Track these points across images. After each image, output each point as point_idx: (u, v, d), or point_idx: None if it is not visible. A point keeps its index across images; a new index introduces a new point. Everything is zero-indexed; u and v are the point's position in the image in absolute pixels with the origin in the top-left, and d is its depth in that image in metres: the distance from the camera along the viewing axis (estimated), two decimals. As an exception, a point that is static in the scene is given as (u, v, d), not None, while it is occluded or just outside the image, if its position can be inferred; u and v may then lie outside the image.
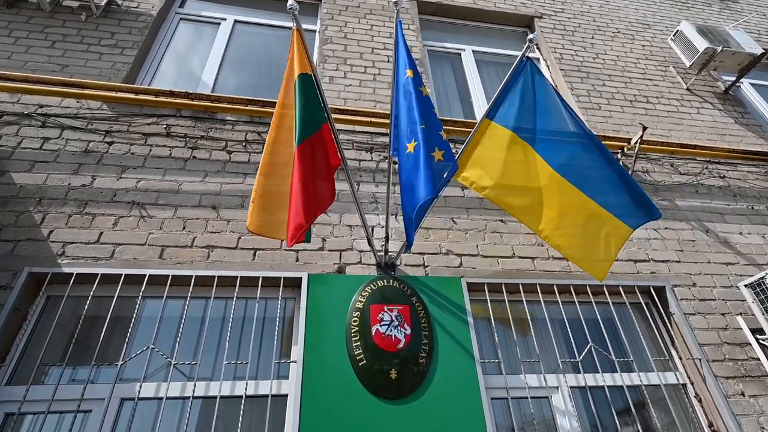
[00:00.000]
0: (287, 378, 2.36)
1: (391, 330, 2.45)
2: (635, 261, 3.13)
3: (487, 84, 4.45)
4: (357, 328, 2.42)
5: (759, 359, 2.77)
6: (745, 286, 3.06)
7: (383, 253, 2.71)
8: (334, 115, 3.16)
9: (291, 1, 1.89)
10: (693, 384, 2.71)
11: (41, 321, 2.37)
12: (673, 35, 5.09)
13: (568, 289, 2.87)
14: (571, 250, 2.11)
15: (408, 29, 4.48)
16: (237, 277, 2.52)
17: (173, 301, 2.51)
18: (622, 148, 3.74)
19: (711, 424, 2.57)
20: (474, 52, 4.76)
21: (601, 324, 2.77)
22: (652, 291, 3.02)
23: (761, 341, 2.82)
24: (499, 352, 2.58)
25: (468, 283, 2.75)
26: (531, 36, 2.15)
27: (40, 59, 3.37)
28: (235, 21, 4.35)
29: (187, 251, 2.60)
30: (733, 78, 4.83)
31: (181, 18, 4.27)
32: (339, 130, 3.28)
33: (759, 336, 2.84)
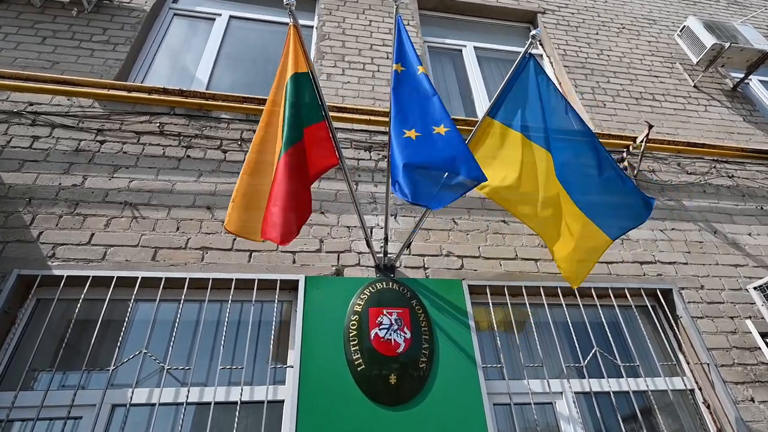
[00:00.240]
0: (284, 383, 2.35)
1: (391, 334, 2.44)
2: (641, 263, 3.13)
3: (489, 81, 4.45)
4: (355, 332, 2.41)
5: (769, 364, 2.77)
6: (755, 288, 3.05)
7: (382, 255, 2.71)
8: (331, 113, 3.15)
9: (287, -4, 1.89)
10: (701, 389, 2.70)
11: (30, 325, 2.36)
12: (680, 31, 5.09)
13: (572, 292, 2.86)
14: (558, 251, 2.16)
15: (408, 25, 4.48)
16: (232, 280, 2.52)
17: (166, 305, 2.50)
18: (627, 146, 3.74)
19: (720, 430, 2.56)
20: (475, 48, 4.76)
21: (607, 328, 2.77)
22: (658, 293, 3.02)
23: (771, 345, 2.81)
24: (502, 356, 2.57)
25: (469, 286, 2.75)
26: (534, 32, 2.15)
27: (30, 56, 3.37)
28: (231, 16, 4.35)
29: (181, 253, 2.59)
30: (742, 75, 4.82)
31: (175, 13, 4.26)
32: (337, 128, 3.27)
33: (768, 340, 2.84)
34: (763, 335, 2.87)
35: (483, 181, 1.72)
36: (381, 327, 2.45)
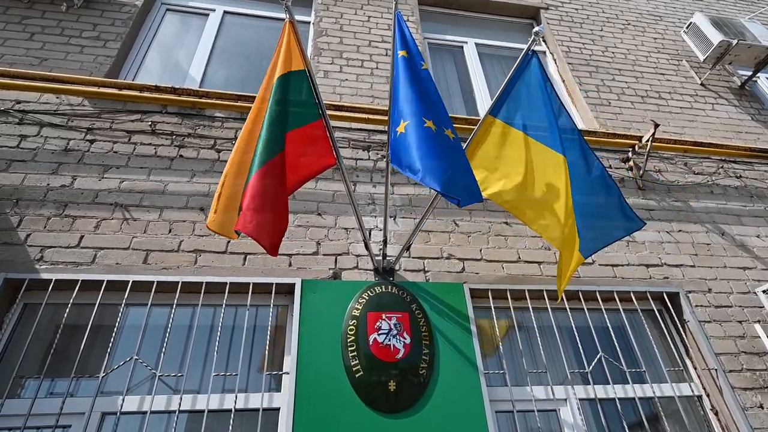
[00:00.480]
0: (279, 390, 2.34)
1: (390, 339, 2.43)
2: (647, 266, 3.13)
3: (491, 78, 4.45)
4: (353, 337, 2.41)
5: (778, 369, 2.77)
6: (764, 291, 3.06)
7: (381, 258, 2.70)
8: (329, 112, 3.15)
9: (283, -8, 1.89)
10: (709, 396, 2.70)
11: (17, 330, 2.34)
12: (686, 27, 5.10)
13: (576, 296, 2.86)
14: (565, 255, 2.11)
15: (407, 21, 4.48)
16: (226, 284, 2.51)
17: (158, 309, 2.49)
18: (633, 146, 3.74)
19: (728, 438, 2.56)
20: (477, 44, 4.76)
21: (612, 332, 2.77)
22: (665, 297, 3.01)
23: (780, 350, 2.81)
24: (504, 362, 2.57)
25: (471, 290, 2.74)
26: (536, 29, 2.15)
27: (17, 52, 3.36)
28: (225, 12, 4.35)
29: (174, 256, 2.58)
30: (750, 72, 4.84)
31: (168, 9, 4.26)
32: (334, 127, 3.26)
33: (778, 345, 2.84)
34: (773, 340, 2.87)
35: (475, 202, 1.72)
36: (380, 332, 2.44)
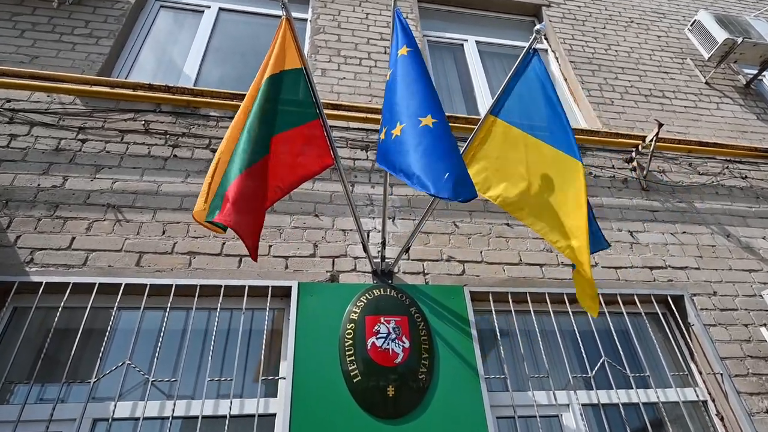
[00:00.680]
0: (275, 396, 2.34)
1: (389, 343, 2.43)
2: (651, 268, 3.13)
3: (492, 77, 4.46)
4: (351, 341, 2.41)
5: (784, 374, 2.78)
6: (770, 294, 3.07)
7: (380, 260, 2.70)
8: (326, 111, 3.15)
9: (280, -12, 1.89)
10: (714, 401, 2.70)
11: (7, 334, 2.33)
12: (691, 25, 5.12)
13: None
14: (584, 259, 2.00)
15: (407, 18, 4.49)
16: (221, 287, 2.50)
17: (151, 313, 2.48)
18: (636, 146, 3.75)
19: (733, 444, 2.56)
20: (477, 42, 4.77)
21: (615, 336, 2.77)
22: (669, 300, 3.02)
23: (787, 354, 2.82)
24: (505, 367, 2.57)
25: (471, 292, 2.74)
26: (538, 26, 2.15)
27: (7, 50, 3.35)
28: (220, 9, 4.35)
29: (167, 258, 2.58)
30: (755, 71, 4.85)
31: (162, 5, 4.26)
32: (332, 126, 3.26)
33: (784, 349, 2.84)
34: (779, 344, 2.88)
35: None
36: (378, 336, 2.44)
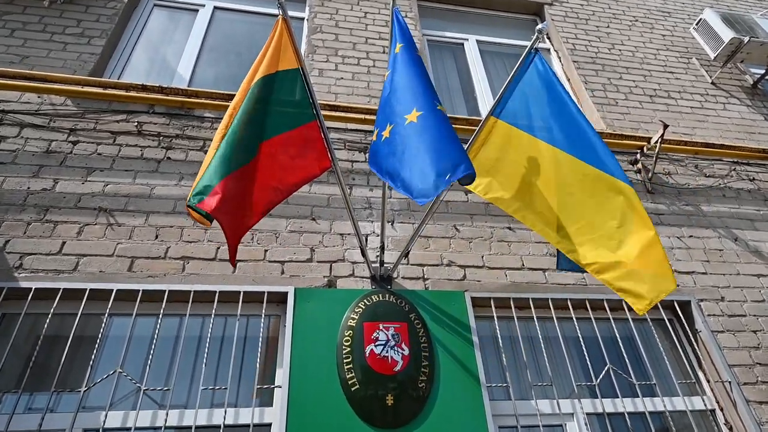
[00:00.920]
0: (271, 405, 2.33)
1: (387, 350, 2.42)
2: (657, 272, 3.12)
3: (493, 77, 4.46)
4: (349, 348, 2.40)
5: (794, 381, 2.77)
6: (778, 300, 3.06)
7: (378, 265, 2.70)
8: (323, 112, 3.14)
9: (276, -13, 1.89)
10: (722, 410, 2.69)
11: (-5, 342, 2.33)
12: (696, 24, 5.13)
13: (583, 305, 2.86)
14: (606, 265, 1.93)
15: (405, 17, 4.49)
16: (215, 292, 2.49)
17: (144, 319, 2.47)
18: (641, 147, 3.75)
19: (742, 454, 2.55)
20: (478, 41, 4.78)
21: (621, 343, 2.76)
22: (676, 306, 3.01)
23: (797, 361, 2.81)
24: (508, 375, 2.56)
25: (472, 298, 2.74)
26: (540, 26, 2.15)
27: (-3, 49, 3.36)
28: (215, 7, 4.36)
29: (160, 263, 2.57)
30: (762, 71, 4.86)
31: (155, 4, 4.26)
32: (329, 128, 3.26)
33: (794, 355, 2.83)
34: (789, 350, 2.87)
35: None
36: (377, 343, 2.43)
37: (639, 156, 3.73)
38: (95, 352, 2.29)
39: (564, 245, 2.06)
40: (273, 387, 2.36)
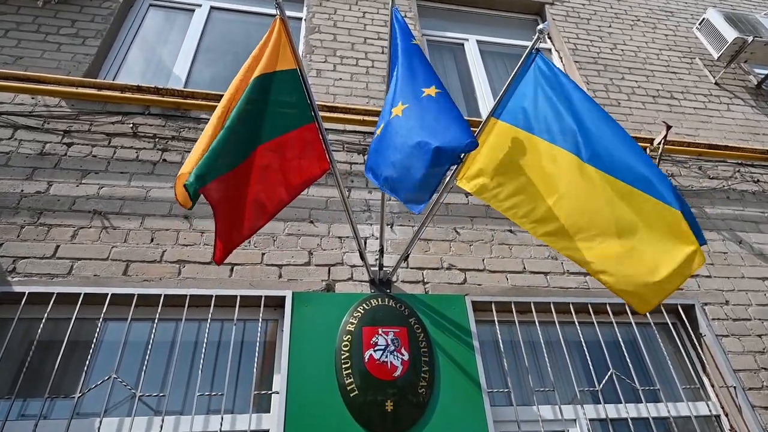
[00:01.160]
0: (268, 411, 2.33)
1: (387, 355, 2.43)
2: (660, 276, 3.13)
3: (494, 78, 4.48)
4: (348, 353, 2.40)
5: (800, 386, 2.77)
6: (784, 303, 3.07)
7: (377, 269, 2.70)
8: (321, 113, 3.16)
9: (273, -13, 1.90)
10: (728, 415, 2.70)
11: (-13, 347, 2.33)
12: (699, 24, 5.15)
13: (585, 309, 2.86)
14: (617, 275, 1.89)
15: (405, 17, 4.51)
16: (212, 296, 2.50)
17: (139, 324, 2.47)
18: (644, 149, 3.76)
19: (748, 460, 2.56)
20: (478, 42, 4.80)
21: (624, 348, 2.76)
22: (679, 310, 3.02)
23: (802, 366, 2.82)
24: (509, 380, 2.56)
25: (473, 302, 2.74)
26: (541, 26, 2.16)
27: (-10, 50, 3.37)
28: (211, 7, 4.37)
29: (156, 267, 2.57)
30: (767, 71, 4.88)
31: (151, 4, 4.28)
32: (327, 129, 3.27)
33: (800, 360, 2.84)
34: (794, 355, 2.87)
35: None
36: (376, 348, 2.44)
37: (642, 157, 3.73)
38: (90, 357, 2.29)
39: (560, 244, 2.05)
40: (270, 393, 2.36)
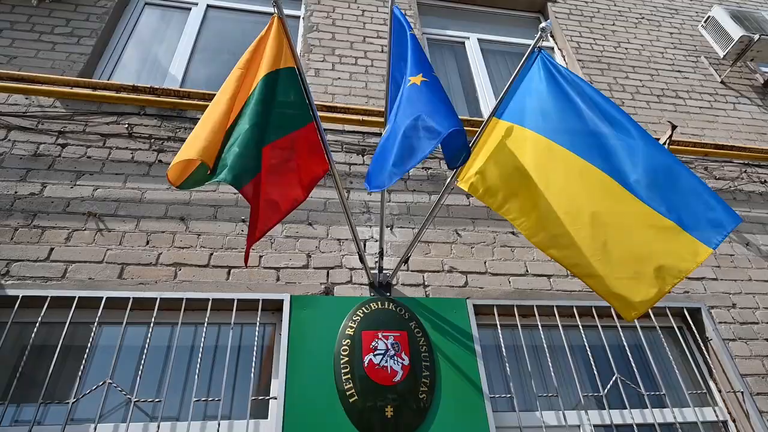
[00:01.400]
0: (266, 417, 2.33)
1: (387, 360, 2.43)
2: (666, 278, 3.13)
3: (495, 77, 4.49)
4: (347, 358, 2.40)
5: (809, 391, 2.77)
6: (792, 306, 3.07)
7: (377, 271, 2.70)
8: (320, 113, 3.17)
9: (271, -15, 1.91)
10: (735, 421, 2.69)
11: (-20, 352, 2.33)
12: (704, 22, 5.16)
13: (589, 312, 2.86)
14: (606, 279, 1.91)
15: (405, 15, 4.51)
16: (208, 300, 2.50)
17: (134, 328, 2.48)
18: (649, 149, 3.76)
19: (756, 466, 2.55)
20: (480, 40, 4.81)
21: (629, 352, 2.76)
22: (686, 313, 3.02)
23: (811, 370, 2.82)
24: (512, 385, 2.56)
25: (475, 306, 2.75)
26: (543, 24, 2.17)
27: (-17, 50, 3.38)
28: (208, 6, 4.38)
29: (151, 270, 2.58)
30: (773, 70, 4.89)
31: (146, 3, 4.29)
32: (326, 129, 3.28)
33: (808, 364, 2.84)
34: (803, 359, 2.87)
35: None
36: (376, 352, 2.44)
37: (646, 158, 3.74)
38: (84, 362, 2.29)
39: (546, 243, 2.06)
40: (268, 398, 2.36)
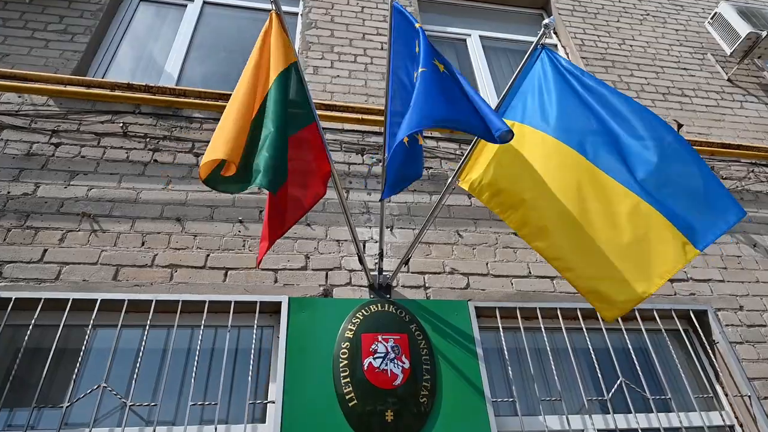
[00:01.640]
0: (264, 422, 2.33)
1: (387, 363, 2.43)
2: (672, 280, 3.14)
3: (497, 74, 4.49)
4: (346, 361, 2.40)
5: (817, 395, 2.78)
6: (800, 308, 3.07)
7: (377, 273, 2.71)
8: (319, 112, 3.17)
9: (269, -19, 1.91)
10: (742, 426, 2.70)
11: (-28, 355, 2.34)
12: (711, 18, 5.17)
13: (594, 315, 2.85)
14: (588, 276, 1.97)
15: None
16: (205, 302, 2.50)
17: (129, 331, 2.48)
18: (654, 148, 3.77)
19: (763, 472, 2.56)
20: (481, 37, 4.82)
21: (633, 355, 2.77)
22: (692, 316, 3.02)
23: (820, 374, 2.82)
24: (514, 389, 2.56)
25: (476, 308, 2.75)
26: (546, 21, 2.18)
27: (-25, 47, 3.38)
28: (204, 2, 4.39)
29: (147, 271, 2.58)
30: (781, 67, 4.90)
31: (142, -1, 4.30)
32: (325, 128, 3.28)
33: (817, 367, 2.84)
34: (811, 362, 2.88)
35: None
36: (375, 356, 2.44)
37: (652, 157, 3.75)
38: (78, 365, 2.29)
39: (538, 241, 2.08)
40: (266, 402, 2.36)
